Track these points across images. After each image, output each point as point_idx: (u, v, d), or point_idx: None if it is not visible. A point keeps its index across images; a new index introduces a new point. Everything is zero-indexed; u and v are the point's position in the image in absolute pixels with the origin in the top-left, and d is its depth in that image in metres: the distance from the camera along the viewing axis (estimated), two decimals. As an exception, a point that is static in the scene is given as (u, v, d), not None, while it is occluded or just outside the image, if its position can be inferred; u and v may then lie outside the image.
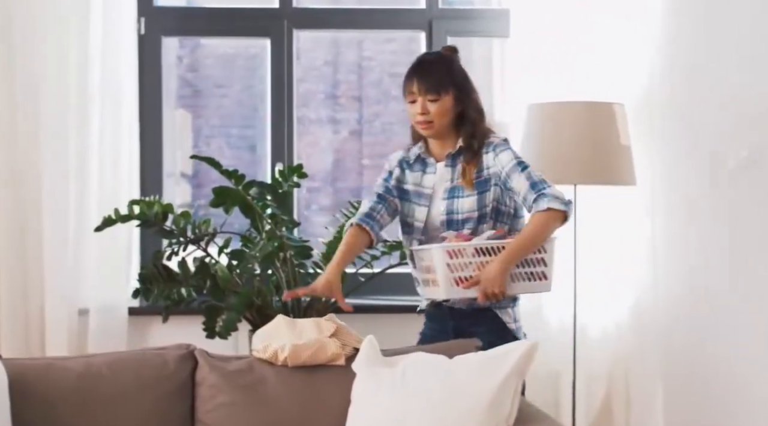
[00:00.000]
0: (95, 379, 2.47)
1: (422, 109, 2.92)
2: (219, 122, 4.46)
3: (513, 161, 2.89)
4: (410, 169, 3.06)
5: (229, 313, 3.33)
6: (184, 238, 3.50)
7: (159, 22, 4.06)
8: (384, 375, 2.41)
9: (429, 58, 3.05)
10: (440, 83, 2.91)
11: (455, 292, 2.83)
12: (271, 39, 4.12)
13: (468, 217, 2.92)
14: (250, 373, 2.55)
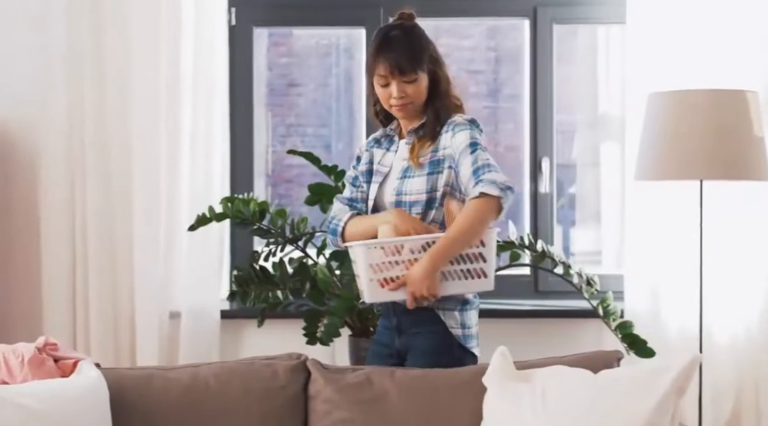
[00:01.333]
0: (201, 392, 2.28)
1: (399, 92, 2.63)
2: (295, 121, 4.36)
3: (466, 142, 2.60)
4: (378, 147, 2.81)
5: (331, 318, 3.13)
6: (282, 238, 3.31)
7: (250, 12, 3.91)
8: (520, 391, 2.16)
9: (395, 33, 2.68)
10: (416, 61, 2.63)
11: (381, 295, 2.56)
12: (367, 28, 3.93)
13: (415, 199, 2.64)
14: (370, 387, 2.32)
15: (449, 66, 2.76)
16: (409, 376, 2.35)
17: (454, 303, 2.63)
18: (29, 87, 3.66)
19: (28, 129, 3.68)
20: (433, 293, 2.51)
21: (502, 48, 4.64)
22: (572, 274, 3.29)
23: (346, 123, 4.64)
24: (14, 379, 2.20)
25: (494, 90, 4.74)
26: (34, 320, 3.65)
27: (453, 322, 2.64)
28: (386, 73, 2.62)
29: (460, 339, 2.64)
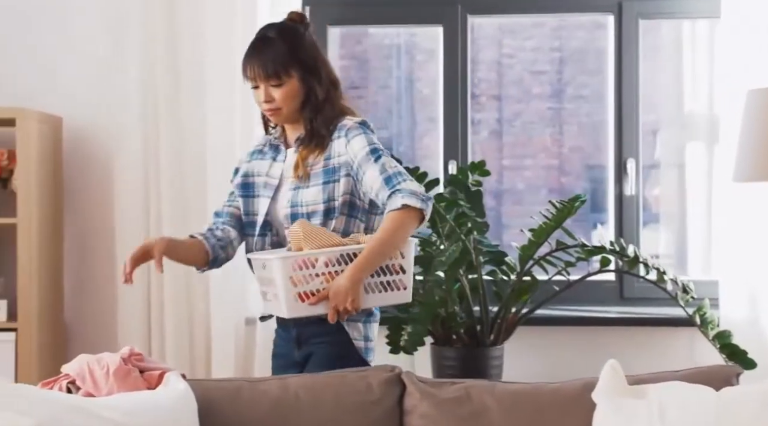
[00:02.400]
0: (291, 405, 2.18)
1: (266, 97, 2.56)
2: None
3: (365, 149, 2.52)
4: (261, 158, 2.69)
5: (415, 326, 3.01)
6: (362, 243, 3.20)
7: (324, 11, 3.82)
8: (634, 408, 2.02)
9: (268, 34, 2.61)
10: (282, 65, 2.54)
11: (300, 310, 2.43)
12: (444, 26, 3.82)
13: (313, 210, 2.54)
14: (469, 402, 2.19)
15: (514, 67, 2.62)
16: (510, 391, 2.22)
17: (359, 315, 2.55)
18: (104, 92, 3.66)
19: (104, 133, 3.68)
20: (356, 307, 2.43)
21: (566, 48, 4.54)
22: (666, 281, 3.14)
23: (408, 125, 4.57)
24: (99, 391, 2.13)
25: (558, 91, 4.64)
26: (109, 326, 3.63)
27: (356, 334, 2.57)
28: (252, 76, 2.56)
29: (362, 351, 2.58)
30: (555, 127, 4.66)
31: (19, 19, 3.73)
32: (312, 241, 2.44)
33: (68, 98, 3.70)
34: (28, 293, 3.39)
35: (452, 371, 3.12)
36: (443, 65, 3.83)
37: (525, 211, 4.61)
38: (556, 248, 3.16)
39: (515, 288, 3.16)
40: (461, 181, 3.17)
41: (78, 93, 3.71)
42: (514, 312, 3.20)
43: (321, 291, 2.42)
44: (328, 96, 2.59)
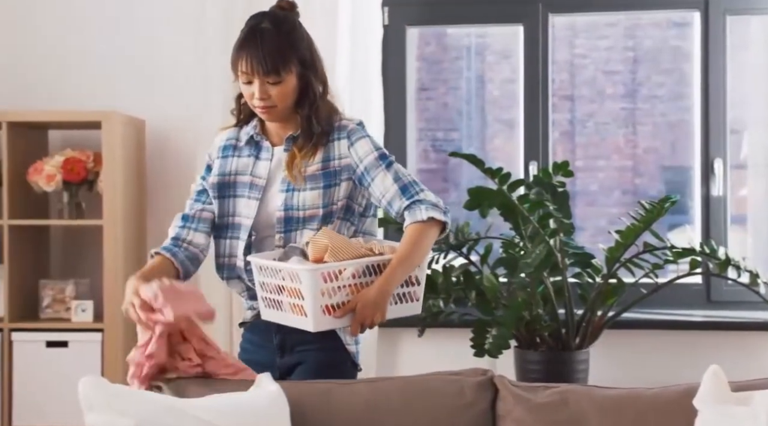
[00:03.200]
0: (382, 407, 2.16)
1: (261, 94, 2.37)
2: (425, 125, 4.30)
3: (373, 154, 2.41)
4: (238, 155, 2.50)
5: (500, 329, 2.98)
6: (445, 245, 3.17)
7: (403, 11, 3.80)
8: (739, 416, 1.95)
9: (263, 25, 2.39)
10: (282, 62, 2.35)
11: (325, 323, 2.30)
12: (524, 25, 3.77)
13: (311, 214, 2.40)
14: (565, 407, 2.14)
15: (587, 67, 2.55)
16: (609, 397, 2.16)
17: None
18: (186, 94, 3.68)
19: (185, 136, 3.71)
20: (382, 320, 2.34)
21: (640, 47, 4.47)
22: (759, 284, 3.05)
23: (478, 126, 4.54)
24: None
25: (632, 91, 4.57)
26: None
27: (349, 338, 2.49)
28: (247, 71, 2.36)
29: (353, 355, 2.50)
30: (629, 128, 4.59)
31: (106, 25, 3.79)
32: (338, 251, 2.32)
33: (151, 101, 3.74)
34: (113, 294, 3.43)
35: (536, 375, 3.08)
36: (523, 65, 3.78)
37: (598, 213, 4.55)
38: (644, 250, 3.09)
39: (601, 290, 3.11)
40: (547, 182, 3.12)
41: (160, 96, 3.75)
42: (600, 315, 3.14)
43: (346, 303, 2.30)
44: (323, 92, 2.47)
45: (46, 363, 3.45)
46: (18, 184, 3.53)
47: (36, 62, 3.79)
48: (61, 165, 3.50)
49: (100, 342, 3.45)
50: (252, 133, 2.49)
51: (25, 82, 3.77)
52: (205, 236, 2.49)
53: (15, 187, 3.52)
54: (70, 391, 3.14)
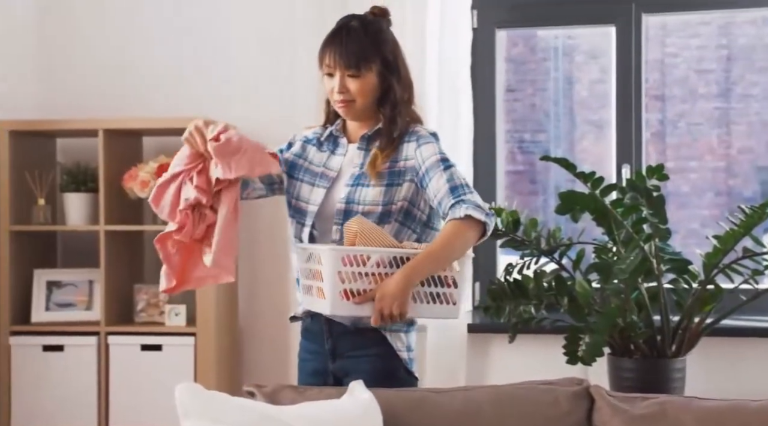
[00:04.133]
0: (474, 417, 2.14)
1: (341, 88, 2.45)
2: (512, 127, 4.26)
3: (436, 156, 2.43)
4: (318, 148, 2.59)
5: (593, 336, 2.92)
6: (536, 250, 3.13)
7: (492, 13, 3.77)
8: None
9: (351, 23, 2.50)
10: (363, 56, 2.44)
11: (343, 308, 2.30)
12: (617, 26, 3.70)
13: (369, 210, 2.42)
14: (664, 419, 2.09)
15: (678, 66, 2.48)
16: (710, 409, 2.10)
17: (400, 324, 2.45)
18: (277, 101, 3.72)
19: (276, 142, 3.72)
20: (402, 312, 2.29)
21: (734, 45, 4.36)
22: None
23: (566, 128, 4.48)
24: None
25: (725, 90, 4.46)
26: (280, 331, 3.66)
27: (400, 345, 2.47)
28: (330, 63, 2.46)
29: (406, 363, 2.48)
30: (722, 128, 4.48)
31: (197, 34, 3.86)
32: (366, 238, 2.34)
33: (241, 107, 3.78)
34: (205, 298, 3.48)
35: (630, 383, 3.01)
36: (616, 66, 3.72)
37: (690, 215, 4.46)
38: (743, 256, 3.00)
39: (699, 297, 3.02)
40: (641, 186, 3.06)
41: (251, 102, 3.80)
42: (697, 322, 3.06)
43: (368, 291, 2.31)
44: (407, 97, 2.53)
45: (141, 366, 3.51)
46: (114, 190, 3.61)
47: (130, 72, 3.87)
48: (155, 171, 3.56)
49: (193, 345, 3.50)
50: (332, 129, 2.59)
51: (120, 91, 3.86)
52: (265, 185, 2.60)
53: (111, 194, 3.60)
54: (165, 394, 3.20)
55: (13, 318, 3.59)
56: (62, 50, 3.90)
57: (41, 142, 3.79)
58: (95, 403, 3.54)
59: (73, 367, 3.54)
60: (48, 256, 3.82)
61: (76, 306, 3.67)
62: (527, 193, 4.42)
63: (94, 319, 3.61)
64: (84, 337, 3.56)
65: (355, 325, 2.44)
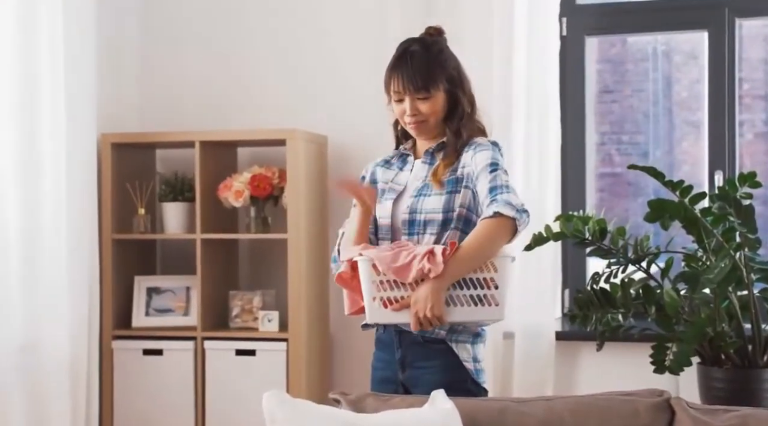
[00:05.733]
0: (556, 428, 2.15)
1: (412, 111, 2.54)
2: (608, 129, 4.19)
3: (487, 161, 2.48)
4: (387, 168, 2.69)
5: (681, 345, 2.90)
6: (624, 258, 3.12)
7: (582, 21, 3.76)
8: None
9: (413, 47, 2.57)
10: (430, 79, 2.52)
11: (381, 316, 2.39)
12: (709, 31, 3.66)
13: (431, 218, 2.50)
14: (747, 432, 2.08)
15: None
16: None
17: (466, 335, 2.50)
18: (366, 106, 3.78)
19: (365, 151, 3.76)
20: (438, 315, 2.34)
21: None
22: None
23: (665, 129, 4.40)
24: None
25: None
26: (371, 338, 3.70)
27: (466, 355, 2.50)
28: (399, 89, 2.54)
29: (473, 373, 2.50)
30: None
31: (289, 47, 3.95)
32: None
33: (332, 118, 3.86)
34: (297, 305, 3.56)
35: (721, 393, 2.98)
36: (708, 71, 3.69)
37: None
38: (839, 265, 2.94)
39: (791, 306, 2.98)
40: (730, 194, 3.02)
41: (341, 113, 3.87)
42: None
43: (404, 298, 2.38)
44: (470, 109, 2.60)
45: (236, 370, 3.61)
46: (209, 200, 3.72)
47: (225, 84, 3.98)
48: (249, 181, 3.66)
49: (285, 351, 3.58)
50: (402, 149, 2.70)
51: (215, 103, 3.97)
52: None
53: (207, 203, 3.71)
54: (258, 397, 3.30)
55: (115, 323, 3.74)
56: (162, 67, 4.05)
57: (141, 154, 3.93)
58: (192, 405, 3.65)
59: (171, 371, 3.67)
60: (148, 263, 3.96)
61: (174, 311, 3.80)
62: (625, 196, 4.37)
63: (191, 325, 3.73)
64: (181, 342, 3.68)
65: (423, 336, 2.48)
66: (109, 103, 3.82)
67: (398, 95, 2.56)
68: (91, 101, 3.58)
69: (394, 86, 2.56)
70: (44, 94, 3.36)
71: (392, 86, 2.56)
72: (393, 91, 2.57)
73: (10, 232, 3.24)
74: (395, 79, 2.55)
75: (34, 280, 3.32)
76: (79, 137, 3.52)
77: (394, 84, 2.56)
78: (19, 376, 3.26)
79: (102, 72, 3.71)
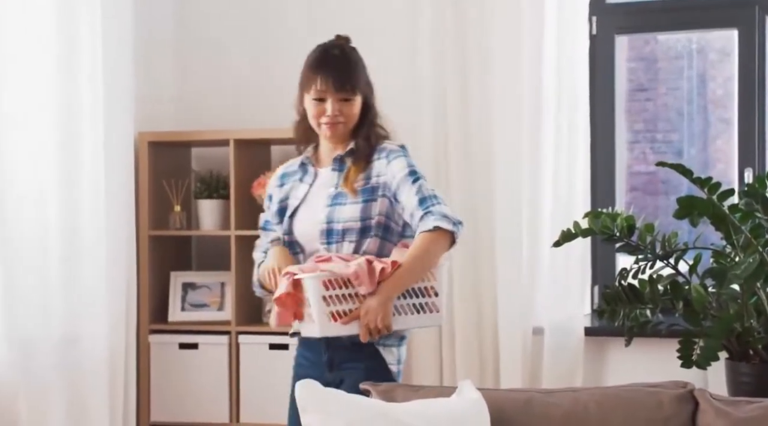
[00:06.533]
0: (581, 418, 2.20)
1: (334, 111, 2.57)
2: (643, 127, 4.21)
3: (405, 170, 2.55)
4: (286, 181, 2.73)
5: (708, 341, 2.94)
6: (651, 254, 3.16)
7: (612, 19, 3.79)
8: None
9: (335, 51, 2.64)
10: (355, 82, 2.59)
11: (332, 329, 2.47)
12: (739, 29, 3.67)
13: (349, 227, 2.55)
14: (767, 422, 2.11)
15: None
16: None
17: (393, 339, 2.58)
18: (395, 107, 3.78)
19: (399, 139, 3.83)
20: (387, 325, 2.45)
21: None
22: None
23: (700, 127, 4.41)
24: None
25: None
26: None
27: (391, 359, 2.59)
28: (324, 88, 2.57)
29: (395, 375, 2.58)
30: None
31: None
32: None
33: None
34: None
35: (748, 388, 3.01)
36: (738, 69, 3.70)
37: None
38: None
39: (819, 302, 2.99)
40: (758, 191, 3.05)
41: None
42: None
43: (353, 311, 2.46)
44: (375, 118, 2.67)
45: (269, 364, 3.67)
46: (243, 197, 3.79)
47: (259, 84, 4.04)
48: (281, 179, 3.72)
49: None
50: (303, 158, 2.72)
51: (249, 102, 4.03)
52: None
53: (241, 200, 3.78)
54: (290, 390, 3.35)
55: (152, 317, 3.82)
56: (197, 67, 4.12)
57: (177, 152, 4.01)
58: (227, 397, 3.72)
59: (206, 364, 3.74)
60: (183, 259, 4.04)
61: (209, 306, 3.87)
62: (659, 194, 4.38)
63: (225, 319, 3.80)
64: (216, 336, 3.75)
65: (350, 340, 2.54)
66: (146, 102, 3.89)
67: (321, 94, 2.59)
68: (128, 101, 3.66)
69: (320, 85, 2.59)
70: (83, 95, 3.45)
71: (317, 85, 2.59)
72: (316, 89, 2.60)
73: (50, 230, 3.32)
74: (321, 78, 2.59)
75: (74, 277, 3.40)
76: (117, 136, 3.59)
77: (320, 83, 2.59)
78: (60, 369, 3.34)
79: (139, 72, 3.78)
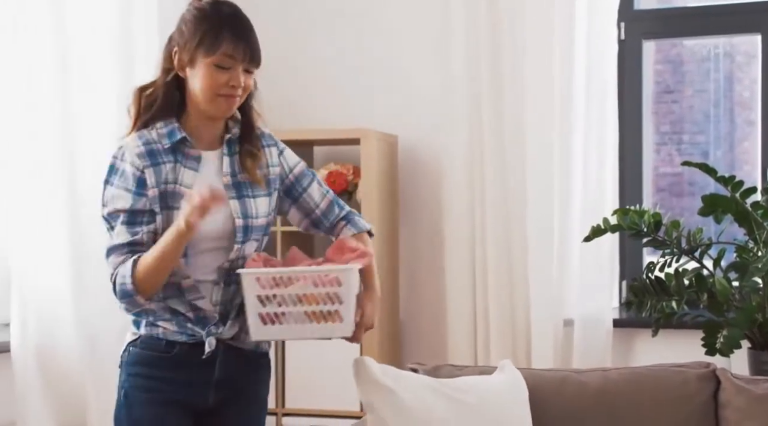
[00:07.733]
0: (611, 396, 2.39)
1: (238, 83, 2.15)
2: (669, 129, 4.26)
3: (301, 163, 2.33)
4: (162, 160, 2.17)
5: (731, 330, 3.10)
6: (677, 249, 3.32)
7: (639, 25, 3.93)
8: None
9: (242, 14, 2.20)
10: (260, 52, 2.19)
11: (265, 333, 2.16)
12: (763, 35, 3.81)
13: (264, 222, 2.22)
14: (783, 398, 2.29)
15: None
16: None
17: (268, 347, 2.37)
18: (433, 105, 3.98)
19: (433, 151, 4.00)
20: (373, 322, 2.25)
21: None
22: None
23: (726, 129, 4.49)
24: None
25: None
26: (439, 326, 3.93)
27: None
28: (235, 55, 2.14)
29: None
30: None
31: (364, 49, 4.14)
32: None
33: (402, 118, 4.06)
34: (369, 296, 3.76)
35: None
36: (762, 73, 3.81)
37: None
38: None
39: (837, 294, 3.14)
40: (777, 189, 3.21)
41: (410, 113, 4.05)
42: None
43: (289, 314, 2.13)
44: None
45: (314, 349, 3.76)
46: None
47: (302, 85, 4.18)
48: (326, 177, 3.89)
49: (359, 337, 3.78)
50: (175, 136, 2.20)
51: (293, 103, 4.16)
52: None
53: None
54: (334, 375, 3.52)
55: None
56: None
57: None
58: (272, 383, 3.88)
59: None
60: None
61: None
62: (686, 195, 4.44)
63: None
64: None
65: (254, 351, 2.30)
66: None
67: (229, 62, 2.14)
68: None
69: (231, 50, 2.14)
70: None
71: (227, 50, 2.14)
72: (224, 54, 2.13)
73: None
74: (231, 41, 2.13)
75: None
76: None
77: (232, 48, 2.14)
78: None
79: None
